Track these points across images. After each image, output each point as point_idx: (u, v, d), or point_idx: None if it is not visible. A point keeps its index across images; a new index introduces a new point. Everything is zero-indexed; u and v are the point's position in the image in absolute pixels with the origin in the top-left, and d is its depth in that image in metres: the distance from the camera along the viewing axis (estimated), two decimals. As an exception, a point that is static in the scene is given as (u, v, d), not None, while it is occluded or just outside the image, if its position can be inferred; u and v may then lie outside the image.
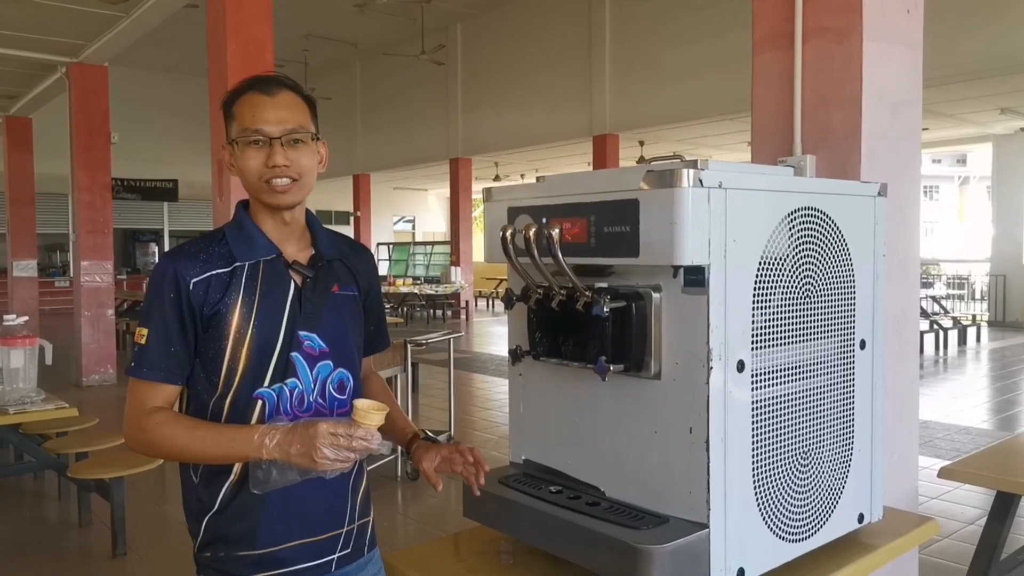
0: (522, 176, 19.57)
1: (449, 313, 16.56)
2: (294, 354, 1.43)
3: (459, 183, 16.30)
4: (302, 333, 1.44)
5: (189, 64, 15.88)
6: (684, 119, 11.77)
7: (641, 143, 13.80)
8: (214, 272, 1.41)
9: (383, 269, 21.36)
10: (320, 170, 1.51)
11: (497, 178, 18.44)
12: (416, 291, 15.72)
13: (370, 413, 1.32)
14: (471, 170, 16.52)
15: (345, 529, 1.52)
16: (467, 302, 16.58)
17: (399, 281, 16.56)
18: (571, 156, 15.68)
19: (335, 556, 1.50)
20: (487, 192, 1.66)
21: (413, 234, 25.59)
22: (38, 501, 4.98)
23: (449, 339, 5.78)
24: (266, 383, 1.41)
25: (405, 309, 15.82)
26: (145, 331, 1.40)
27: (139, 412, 1.39)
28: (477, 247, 17.49)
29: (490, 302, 19.81)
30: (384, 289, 15.77)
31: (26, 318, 4.04)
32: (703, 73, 11.06)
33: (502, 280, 19.08)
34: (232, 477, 1.42)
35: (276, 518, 1.43)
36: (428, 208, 26.17)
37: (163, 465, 4.34)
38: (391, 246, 22.83)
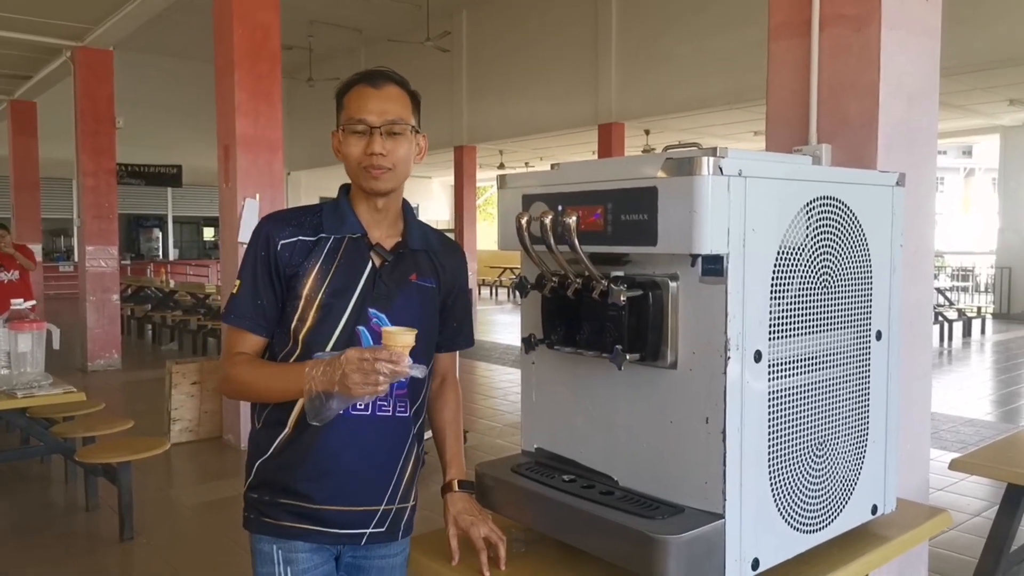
0: (526, 164, 19.51)
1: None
2: (361, 327, 1.52)
3: (463, 171, 16.23)
4: (372, 310, 1.53)
5: (194, 49, 15.81)
6: (690, 108, 11.70)
7: (647, 132, 13.74)
8: (300, 238, 1.53)
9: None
10: (418, 160, 1.60)
11: (502, 166, 18.39)
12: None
13: (395, 335, 1.36)
14: (475, 158, 16.45)
15: (383, 508, 1.58)
16: (471, 290, 16.56)
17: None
18: (576, 145, 15.63)
19: (367, 531, 1.57)
20: (501, 179, 1.65)
21: (417, 222, 25.56)
22: (45, 485, 5.00)
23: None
24: (329, 346, 1.50)
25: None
26: (239, 282, 1.54)
27: (225, 354, 1.56)
28: (481, 235, 17.44)
29: (494, 290, 19.80)
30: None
31: (33, 302, 4.04)
32: (710, 62, 10.99)
33: (506, 268, 19.08)
34: (287, 430, 1.53)
35: (317, 478, 1.52)
36: (432, 196, 26.12)
37: (169, 450, 4.35)
38: (395, 234, 22.80)
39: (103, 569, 3.73)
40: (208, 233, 22.05)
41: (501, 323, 14.19)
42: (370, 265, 1.54)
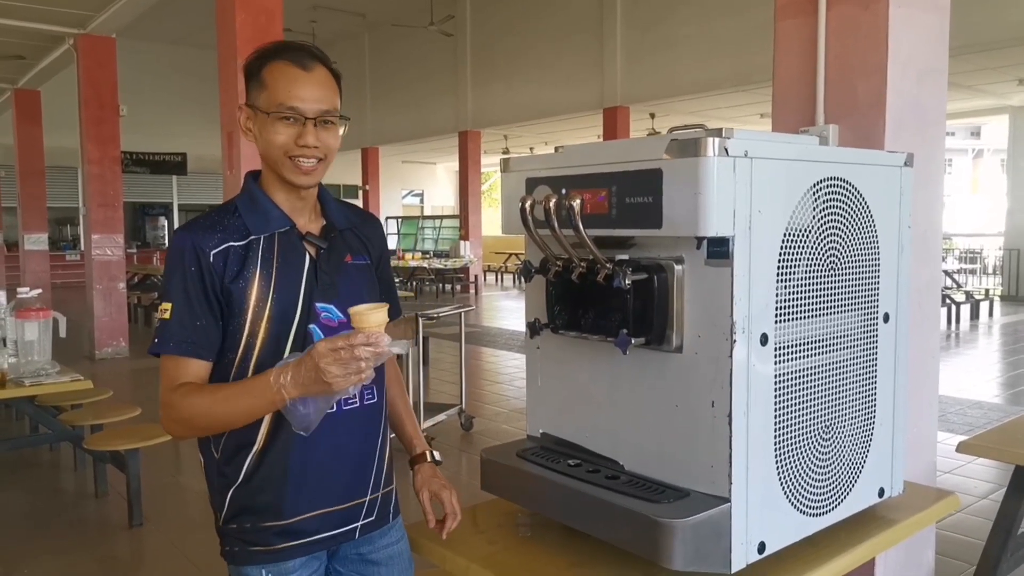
0: (531, 149, 19.45)
1: (458, 287, 16.57)
2: (312, 326, 1.43)
3: (468, 156, 16.22)
4: (319, 305, 1.44)
5: (197, 36, 15.78)
6: (696, 91, 11.63)
7: (652, 115, 13.67)
8: (231, 244, 1.39)
9: (392, 243, 21.35)
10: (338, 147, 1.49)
11: (506, 151, 18.33)
12: (425, 265, 15.72)
13: (365, 315, 1.24)
14: (480, 143, 16.42)
15: (368, 498, 1.53)
16: (476, 276, 16.58)
17: (408, 255, 16.54)
18: (581, 129, 15.57)
19: (359, 524, 1.52)
20: (504, 162, 1.64)
21: (422, 208, 25.54)
22: (54, 472, 5.04)
23: (460, 313, 5.78)
24: (285, 355, 1.40)
25: (414, 283, 15.83)
26: (169, 305, 1.36)
27: (167, 389, 1.36)
28: (486, 221, 17.44)
29: (499, 276, 19.80)
30: (393, 263, 15.83)
31: (39, 291, 4.05)
32: (716, 44, 10.91)
33: (511, 254, 19.07)
34: (256, 447, 1.42)
35: (300, 489, 1.44)
36: (437, 182, 26.08)
37: (177, 437, 4.36)
38: (400, 220, 22.80)
39: (113, 555, 3.76)
40: (214, 221, 22.02)
41: (506, 308, 14.18)
42: (307, 258, 1.44)
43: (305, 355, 1.26)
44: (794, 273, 1.41)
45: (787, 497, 1.43)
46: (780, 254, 1.38)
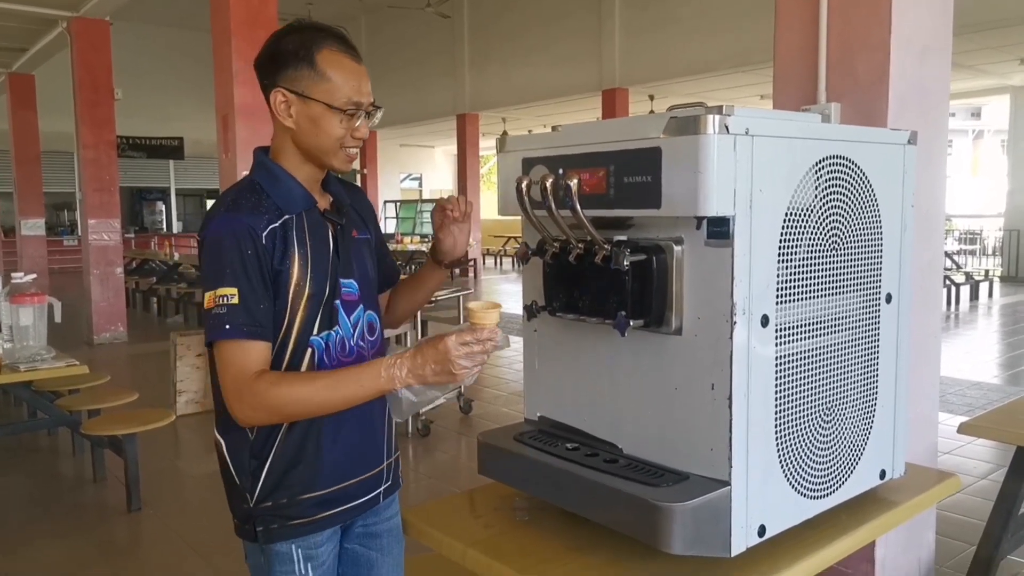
0: (530, 132, 19.34)
1: (457, 271, 16.55)
2: (336, 302, 1.46)
3: (466, 139, 16.14)
4: (342, 281, 1.47)
5: (192, 19, 15.63)
6: (695, 72, 11.56)
7: (651, 97, 13.59)
8: (273, 225, 1.40)
9: (390, 227, 21.30)
10: None
11: (505, 134, 18.24)
12: (424, 249, 15.67)
13: (488, 312, 1.34)
14: (478, 126, 16.33)
15: (386, 463, 1.58)
16: (475, 260, 16.55)
17: (407, 239, 16.50)
18: (580, 111, 15.46)
19: (382, 489, 1.57)
20: (500, 141, 1.61)
21: (420, 191, 25.45)
22: (53, 457, 5.04)
23: (459, 296, 5.76)
24: (315, 332, 1.43)
25: (413, 267, 15.82)
26: (234, 290, 1.33)
27: (244, 379, 1.33)
28: (485, 205, 17.37)
29: (498, 260, 19.76)
30: (392, 247, 15.81)
31: (34, 275, 4.03)
32: (714, 25, 10.83)
33: (510, 238, 19.02)
34: (284, 426, 1.43)
35: (334, 460, 1.47)
36: (435, 165, 25.97)
37: (175, 421, 4.36)
38: (398, 203, 22.73)
39: (111, 540, 3.76)
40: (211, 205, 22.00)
41: (505, 292, 14.17)
42: (331, 235, 1.48)
43: (421, 348, 1.34)
44: (795, 253, 1.38)
45: (787, 480, 1.42)
46: (781, 234, 1.35)
